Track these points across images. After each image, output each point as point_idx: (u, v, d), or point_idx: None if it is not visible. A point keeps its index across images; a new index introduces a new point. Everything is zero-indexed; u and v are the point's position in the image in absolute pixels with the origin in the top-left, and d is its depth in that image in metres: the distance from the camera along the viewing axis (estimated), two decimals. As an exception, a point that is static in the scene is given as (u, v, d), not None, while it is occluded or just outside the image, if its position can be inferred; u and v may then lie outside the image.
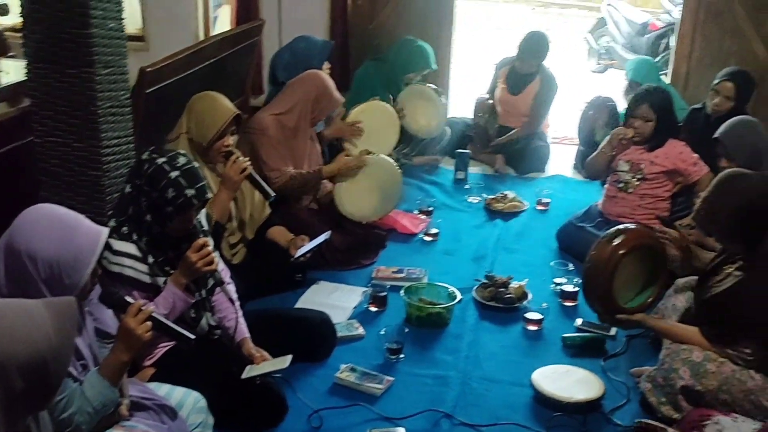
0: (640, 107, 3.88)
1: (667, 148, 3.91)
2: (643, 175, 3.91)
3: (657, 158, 3.90)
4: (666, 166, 3.89)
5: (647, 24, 8.36)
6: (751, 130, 3.60)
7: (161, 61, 3.49)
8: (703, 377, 2.58)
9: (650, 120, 3.86)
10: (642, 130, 3.88)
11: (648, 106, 3.86)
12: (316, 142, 4.00)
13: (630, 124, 3.92)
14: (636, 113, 3.89)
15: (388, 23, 5.78)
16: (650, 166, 3.90)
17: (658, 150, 3.91)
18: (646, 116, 3.87)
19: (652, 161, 3.91)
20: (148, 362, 2.53)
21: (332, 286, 3.57)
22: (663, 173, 3.90)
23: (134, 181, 2.42)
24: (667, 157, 3.89)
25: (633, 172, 3.94)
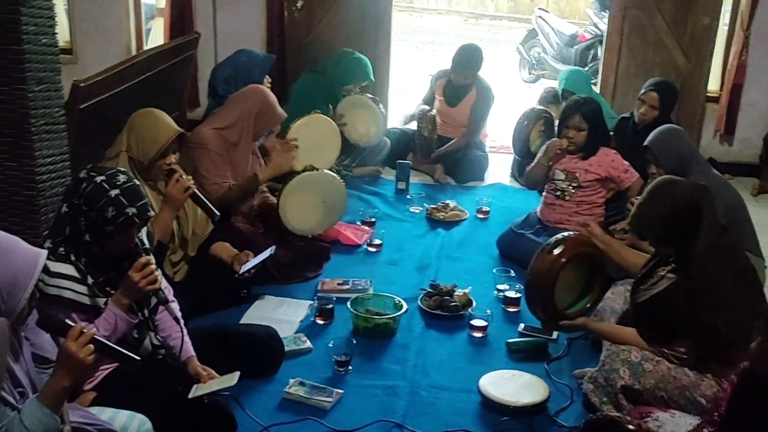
0: (573, 117, 4.00)
1: (599, 156, 4.03)
2: (579, 183, 4.03)
3: (591, 166, 4.02)
4: (599, 173, 4.01)
5: (576, 35, 8.59)
6: (677, 138, 3.74)
7: (95, 75, 3.42)
8: (642, 376, 2.66)
9: (583, 129, 3.99)
10: (576, 139, 4.00)
11: (580, 116, 3.98)
12: (258, 157, 3.97)
13: (564, 134, 4.04)
14: (569, 123, 4.01)
15: (325, 36, 5.79)
16: (585, 174, 4.02)
17: (592, 158, 4.03)
18: (578, 126, 3.99)
19: (587, 169, 4.02)
20: (88, 386, 2.44)
21: (278, 301, 3.54)
22: (597, 180, 4.02)
23: (71, 200, 2.35)
24: (600, 165, 4.02)
25: (569, 180, 4.05)
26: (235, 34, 5.73)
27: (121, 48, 5.86)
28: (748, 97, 5.78)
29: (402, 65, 8.70)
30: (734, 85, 5.70)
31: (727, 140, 5.95)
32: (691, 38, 5.58)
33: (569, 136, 4.01)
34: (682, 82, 5.59)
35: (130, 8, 5.92)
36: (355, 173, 5.22)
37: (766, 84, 5.77)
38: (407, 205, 4.87)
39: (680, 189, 2.69)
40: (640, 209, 2.74)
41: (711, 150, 5.86)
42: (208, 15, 5.79)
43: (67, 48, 5.89)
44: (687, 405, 2.60)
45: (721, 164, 5.32)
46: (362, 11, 5.74)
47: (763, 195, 5.54)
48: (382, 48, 5.85)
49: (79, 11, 5.89)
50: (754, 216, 3.87)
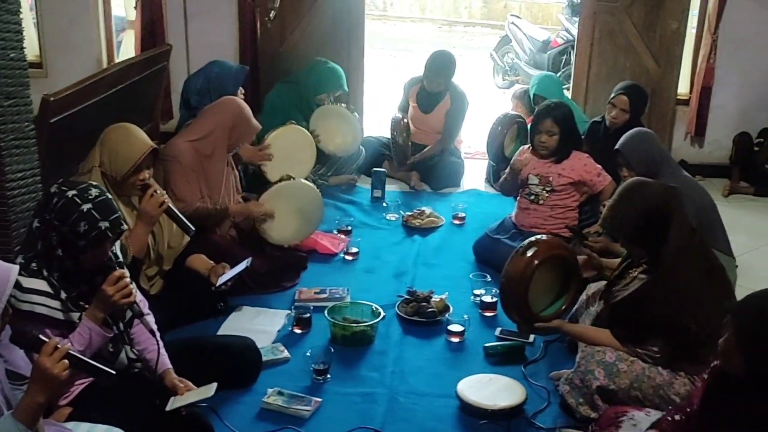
0: (544, 122, 4.05)
1: (572, 160, 4.08)
2: (552, 187, 4.07)
3: (564, 170, 4.07)
4: (572, 177, 4.06)
5: (549, 41, 8.66)
6: (647, 141, 3.80)
7: (65, 89, 3.39)
8: (616, 376, 2.69)
9: (555, 134, 4.04)
10: (548, 143, 4.05)
11: (552, 121, 4.03)
12: (232, 168, 3.96)
13: (536, 139, 4.08)
14: (541, 128, 4.06)
15: (298, 45, 5.79)
16: (558, 179, 4.06)
17: (565, 162, 4.08)
18: (550, 130, 4.04)
19: (560, 174, 4.07)
20: (63, 401, 2.43)
21: (255, 311, 3.54)
22: (570, 184, 4.07)
23: (43, 215, 2.33)
24: (573, 169, 4.06)
25: (543, 184, 4.09)
26: (208, 45, 5.71)
27: (92, 61, 5.82)
28: (717, 100, 5.87)
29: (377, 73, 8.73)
30: (703, 87, 5.78)
31: (698, 142, 6.03)
32: (661, 42, 5.66)
33: (541, 140, 4.06)
34: (653, 85, 5.67)
35: (100, 21, 5.87)
36: (330, 182, 5.22)
37: (734, 86, 5.87)
38: (383, 213, 4.88)
39: (650, 190, 2.73)
40: (611, 211, 2.78)
41: (682, 152, 5.94)
42: (179, 26, 5.75)
43: (37, 62, 5.84)
44: (661, 403, 2.63)
45: (693, 166, 5.39)
46: (335, 20, 5.75)
47: (734, 196, 5.61)
48: (356, 56, 5.87)
49: (49, 25, 5.84)
50: (726, 216, 3.93)
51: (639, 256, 2.82)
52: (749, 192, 5.65)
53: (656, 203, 2.68)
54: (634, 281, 2.78)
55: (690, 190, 3.62)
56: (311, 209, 3.98)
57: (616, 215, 2.76)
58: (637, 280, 2.77)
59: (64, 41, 5.84)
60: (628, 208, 2.73)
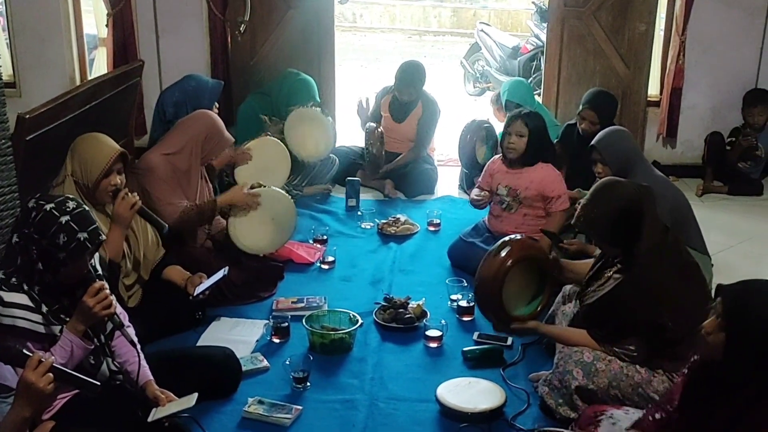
0: (515, 123, 4.09)
1: (539, 172, 4.10)
2: (521, 199, 4.10)
3: (531, 183, 4.08)
4: (537, 191, 4.08)
5: (518, 47, 8.73)
6: (622, 138, 3.86)
7: (40, 107, 3.39)
8: (595, 376, 2.73)
9: (523, 135, 4.07)
10: (516, 144, 4.08)
11: (522, 122, 4.07)
12: (207, 182, 3.97)
13: (506, 140, 4.12)
14: (510, 129, 4.11)
15: (269, 58, 5.81)
16: (525, 191, 4.09)
17: (533, 174, 4.09)
18: (520, 131, 4.07)
19: (527, 186, 4.09)
20: (46, 415, 2.42)
21: (233, 321, 3.54)
22: (536, 196, 4.09)
23: (22, 230, 2.34)
24: (539, 183, 4.08)
25: (511, 196, 4.12)
26: (179, 60, 5.72)
27: (65, 79, 5.81)
28: (687, 100, 5.94)
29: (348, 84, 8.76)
30: (673, 88, 5.84)
31: (670, 143, 6.10)
32: (629, 45, 5.71)
33: (510, 141, 4.09)
34: (623, 88, 5.75)
35: (72, 39, 5.86)
36: (305, 192, 5.23)
37: (704, 86, 5.94)
38: (358, 222, 4.89)
39: (623, 190, 2.77)
40: (584, 210, 2.81)
41: (655, 153, 6.00)
42: (151, 42, 5.76)
43: (11, 82, 5.81)
44: (640, 401, 2.67)
45: (665, 167, 5.45)
46: (305, 32, 5.78)
47: (707, 195, 5.66)
48: (327, 68, 5.90)
49: (21, 44, 5.82)
50: (700, 216, 3.98)
51: (613, 255, 2.86)
52: (723, 191, 5.71)
53: (629, 202, 2.71)
54: (609, 281, 2.81)
55: (664, 188, 3.67)
56: (284, 216, 3.98)
57: (590, 214, 2.79)
58: (611, 280, 2.80)
59: (37, 60, 5.82)
60: (601, 206, 2.76)
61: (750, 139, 5.62)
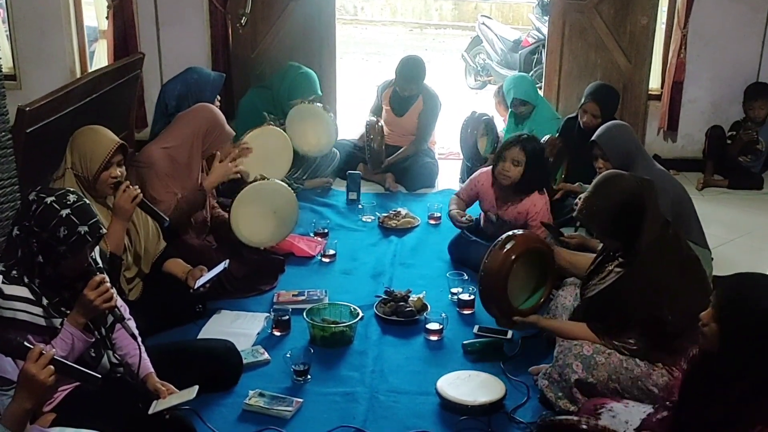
0: (512, 149, 3.85)
1: (527, 203, 3.90)
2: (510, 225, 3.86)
3: (519, 214, 3.93)
4: (525, 220, 3.91)
5: (519, 41, 8.72)
6: (623, 133, 3.86)
7: (40, 99, 3.39)
8: (594, 369, 2.73)
9: (520, 164, 3.84)
10: (511, 173, 3.85)
11: (520, 149, 3.83)
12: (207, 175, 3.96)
13: (500, 167, 3.89)
14: (506, 154, 3.86)
15: (270, 51, 5.80)
16: (515, 221, 3.93)
17: (520, 207, 3.92)
18: (516, 159, 3.84)
19: (516, 218, 3.94)
20: (47, 408, 2.43)
21: (234, 315, 3.55)
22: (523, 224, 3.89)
23: (22, 223, 2.34)
24: (526, 214, 3.91)
25: (500, 223, 4.00)
26: (180, 52, 5.72)
27: (65, 72, 5.80)
28: (689, 94, 5.93)
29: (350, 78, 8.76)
30: (675, 82, 5.82)
31: (671, 137, 6.10)
32: (631, 38, 5.70)
33: (504, 168, 3.85)
34: (624, 81, 5.74)
35: (72, 32, 5.86)
36: (306, 185, 5.23)
37: (705, 80, 5.93)
38: (359, 215, 4.90)
39: (626, 183, 2.77)
40: (586, 203, 2.81)
41: (655, 147, 5.99)
42: (151, 35, 5.75)
43: (11, 74, 5.81)
44: (640, 395, 2.67)
45: (666, 160, 5.45)
46: (306, 25, 5.77)
47: (708, 189, 5.67)
48: (327, 61, 5.89)
49: (22, 37, 5.81)
50: (700, 209, 3.97)
51: (613, 248, 2.87)
52: (723, 185, 5.71)
53: (631, 196, 2.71)
54: (609, 275, 2.81)
55: (665, 182, 3.67)
56: (285, 210, 3.98)
57: (592, 207, 2.79)
58: (612, 274, 2.80)
59: (38, 53, 5.82)
60: (603, 199, 2.76)
61: (751, 133, 5.62)
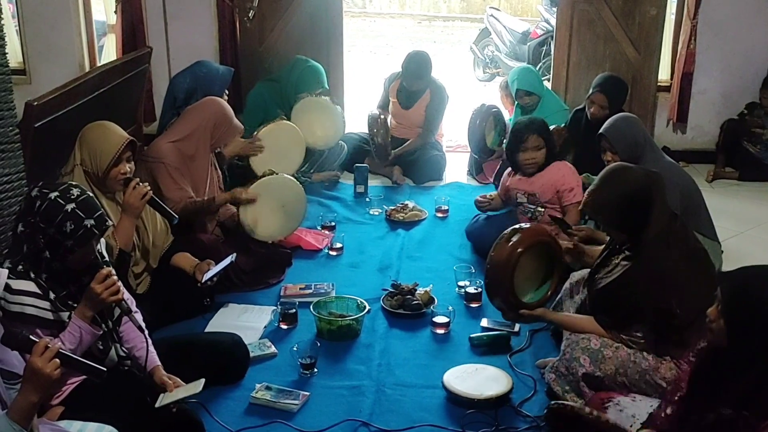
0: (529, 138, 3.96)
1: (551, 172, 4.00)
2: (542, 203, 4.01)
3: (545, 185, 3.99)
4: (556, 187, 3.97)
5: (528, 32, 8.68)
6: (631, 125, 3.83)
7: (48, 93, 3.41)
8: (602, 363, 2.72)
9: (542, 148, 3.97)
10: (537, 158, 3.98)
11: (537, 136, 3.96)
12: (216, 169, 3.98)
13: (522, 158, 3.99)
14: (526, 145, 3.97)
15: (277, 44, 5.80)
16: (543, 195, 4.00)
17: (545, 175, 3.99)
18: (537, 145, 3.97)
19: (542, 186, 4.00)
20: (55, 401, 2.46)
21: (241, 308, 3.56)
22: (553, 196, 3.98)
23: (27, 219, 2.36)
24: (553, 181, 3.98)
25: (532, 202, 4.05)
26: (188, 46, 5.73)
27: (74, 66, 5.82)
28: (698, 85, 5.89)
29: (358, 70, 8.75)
30: (684, 73, 5.79)
31: (680, 128, 6.06)
32: (640, 29, 5.67)
33: (528, 157, 3.98)
34: (633, 73, 5.71)
35: (81, 26, 5.88)
36: (313, 179, 5.23)
37: (715, 71, 5.90)
38: (366, 208, 4.90)
39: (633, 175, 2.76)
40: (592, 195, 2.80)
41: (665, 139, 5.97)
42: (159, 29, 5.76)
43: (20, 69, 5.84)
44: (647, 388, 2.66)
45: (676, 152, 5.42)
46: (313, 18, 5.76)
47: (718, 181, 5.64)
48: (335, 54, 5.88)
49: (31, 32, 5.84)
50: (710, 202, 3.96)
51: (620, 241, 2.85)
52: (734, 177, 5.68)
53: (638, 188, 2.70)
54: (616, 268, 2.80)
55: (674, 174, 3.66)
56: (294, 204, 3.98)
57: (598, 199, 2.78)
58: (619, 267, 2.78)
59: (47, 48, 5.85)
60: (609, 191, 2.75)
61: (756, 119, 5.59)
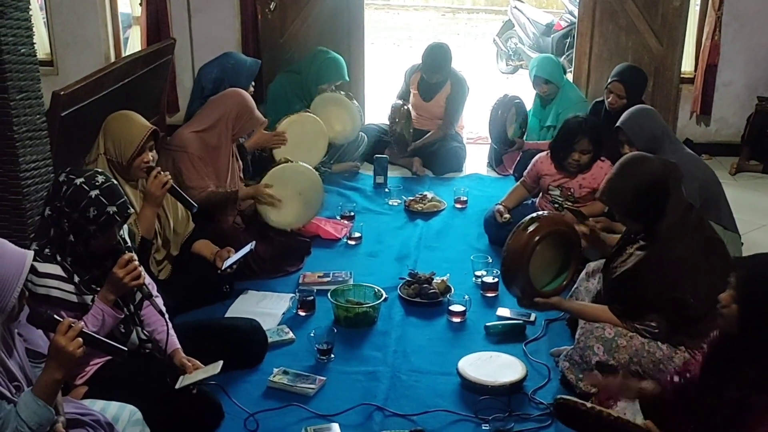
0: (581, 141, 3.96)
1: (594, 170, 4.03)
2: (575, 198, 4.03)
3: (584, 180, 4.02)
4: (592, 186, 3.98)
5: (552, 24, 8.64)
6: (649, 118, 3.81)
7: (75, 83, 3.48)
8: (616, 351, 2.74)
9: (589, 152, 3.98)
10: (581, 161, 3.99)
11: (589, 141, 3.96)
12: (237, 159, 4.03)
13: (570, 157, 4.00)
14: (575, 147, 3.98)
15: (298, 36, 5.84)
16: (579, 189, 4.03)
17: (586, 179, 4.02)
18: (587, 149, 3.97)
19: (581, 184, 4.03)
20: (80, 381, 2.54)
21: (260, 295, 3.61)
22: (590, 193, 4.01)
23: (54, 203, 2.43)
24: (594, 179, 3.99)
25: (564, 196, 4.07)
26: (211, 38, 5.80)
27: (100, 58, 5.92)
28: (723, 77, 5.85)
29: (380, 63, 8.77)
30: (708, 65, 5.75)
31: (704, 121, 6.02)
32: (663, 21, 5.62)
33: (574, 158, 3.99)
34: (656, 65, 5.67)
35: (107, 18, 5.98)
36: (333, 170, 5.27)
37: (740, 63, 5.84)
38: (386, 199, 4.93)
39: (650, 165, 2.75)
40: (609, 183, 2.80)
41: (688, 131, 5.93)
42: (183, 21, 5.84)
43: (48, 60, 5.96)
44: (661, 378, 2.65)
45: (699, 145, 5.38)
46: (334, 10, 5.79)
47: (741, 174, 5.62)
48: (356, 46, 5.91)
49: (58, 23, 5.95)
50: (733, 194, 3.94)
51: (635, 230, 2.85)
52: (758, 170, 5.65)
53: (655, 177, 2.69)
54: (631, 257, 2.80)
55: (692, 166, 3.63)
56: (311, 192, 4.03)
57: (614, 187, 2.78)
58: (634, 257, 2.79)
59: (74, 39, 5.95)
60: (626, 180, 2.74)
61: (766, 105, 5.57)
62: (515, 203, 4.28)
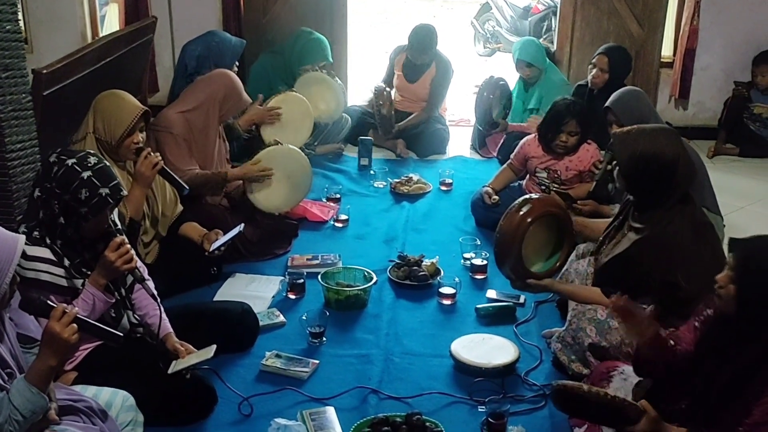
0: (568, 123, 3.99)
1: (581, 152, 4.05)
2: (561, 181, 4.06)
3: (571, 162, 4.05)
4: (579, 169, 4.03)
5: (529, 8, 8.63)
6: (638, 99, 3.83)
7: (56, 62, 3.41)
8: (608, 333, 2.75)
9: (577, 134, 4.00)
10: (568, 143, 4.01)
11: (576, 123, 3.98)
12: (224, 140, 3.98)
13: (557, 139, 4.01)
14: (563, 128, 4.00)
15: (281, 16, 5.76)
16: (566, 172, 4.05)
17: (572, 161, 4.05)
18: (574, 131, 4.00)
19: (567, 167, 4.05)
20: (69, 366, 2.48)
21: (249, 278, 3.58)
22: (576, 176, 4.04)
23: (44, 184, 2.37)
24: (580, 161, 4.04)
25: (551, 178, 4.09)
26: (191, 17, 5.70)
27: (76, 36, 5.79)
28: (701, 61, 5.91)
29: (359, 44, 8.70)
30: (687, 49, 5.80)
31: (682, 104, 6.08)
32: (644, 5, 5.65)
33: (562, 140, 4.01)
34: (637, 49, 5.69)
35: (83, -5, 5.86)
36: (317, 152, 5.23)
37: (718, 48, 5.91)
38: (371, 181, 4.92)
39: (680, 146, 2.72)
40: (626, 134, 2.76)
41: (667, 115, 5.96)
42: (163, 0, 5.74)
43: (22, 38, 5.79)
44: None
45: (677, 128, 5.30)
46: (317, -10, 5.74)
47: (718, 157, 5.68)
48: (339, 27, 5.84)
49: (33, 1, 5.80)
50: (711, 177, 3.96)
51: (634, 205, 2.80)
52: (734, 153, 5.73)
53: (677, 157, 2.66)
54: (623, 240, 2.81)
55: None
56: (299, 175, 3.99)
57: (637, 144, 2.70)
58: (626, 240, 2.80)
59: (49, 16, 5.81)
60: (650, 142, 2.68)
61: (741, 90, 5.69)
62: (502, 185, 4.28)
